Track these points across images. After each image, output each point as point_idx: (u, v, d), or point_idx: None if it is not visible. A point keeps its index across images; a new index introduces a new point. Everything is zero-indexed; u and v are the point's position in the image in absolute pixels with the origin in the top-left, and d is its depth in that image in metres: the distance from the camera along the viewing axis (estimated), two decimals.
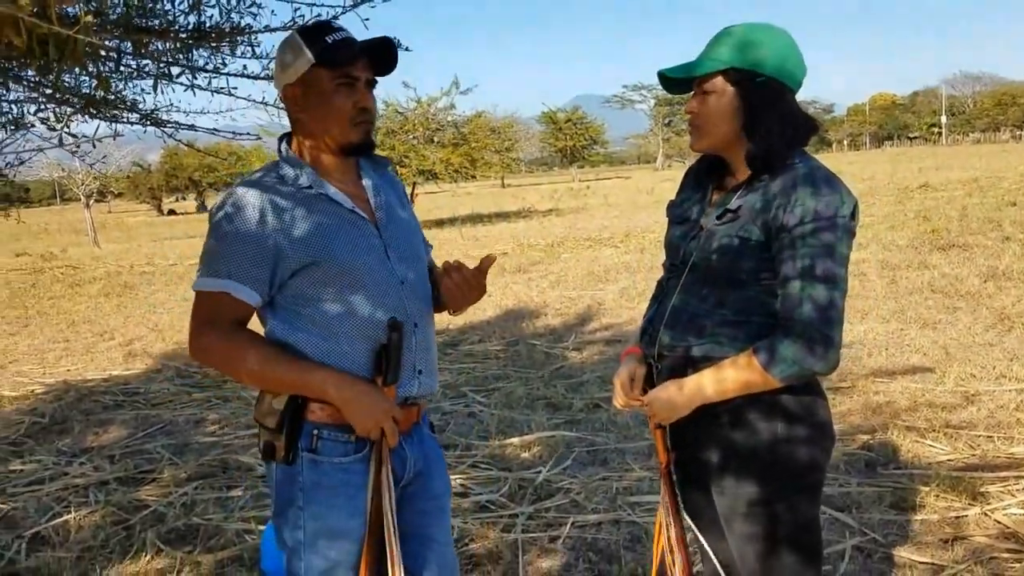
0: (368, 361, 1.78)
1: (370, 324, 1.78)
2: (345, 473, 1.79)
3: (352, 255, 1.77)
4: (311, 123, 1.80)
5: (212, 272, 1.74)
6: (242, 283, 1.72)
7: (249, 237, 1.71)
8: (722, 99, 1.77)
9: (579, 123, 69.13)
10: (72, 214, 49.09)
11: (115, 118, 2.59)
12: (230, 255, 1.72)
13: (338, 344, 1.77)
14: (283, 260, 1.73)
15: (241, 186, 1.77)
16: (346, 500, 1.79)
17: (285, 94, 1.82)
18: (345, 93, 1.76)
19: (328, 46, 1.73)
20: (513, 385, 5.76)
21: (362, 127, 1.80)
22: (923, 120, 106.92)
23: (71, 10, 1.94)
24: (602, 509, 3.63)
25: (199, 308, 1.78)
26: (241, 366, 1.76)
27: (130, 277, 14.86)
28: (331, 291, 1.76)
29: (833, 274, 1.67)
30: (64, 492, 4.25)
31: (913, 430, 4.31)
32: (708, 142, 1.83)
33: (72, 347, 8.50)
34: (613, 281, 10.08)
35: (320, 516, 1.78)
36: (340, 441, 1.79)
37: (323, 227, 1.76)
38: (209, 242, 1.76)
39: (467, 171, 26.43)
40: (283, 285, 1.76)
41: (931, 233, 11.31)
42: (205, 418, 5.50)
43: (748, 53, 1.74)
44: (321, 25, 1.81)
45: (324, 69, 1.74)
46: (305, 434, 1.77)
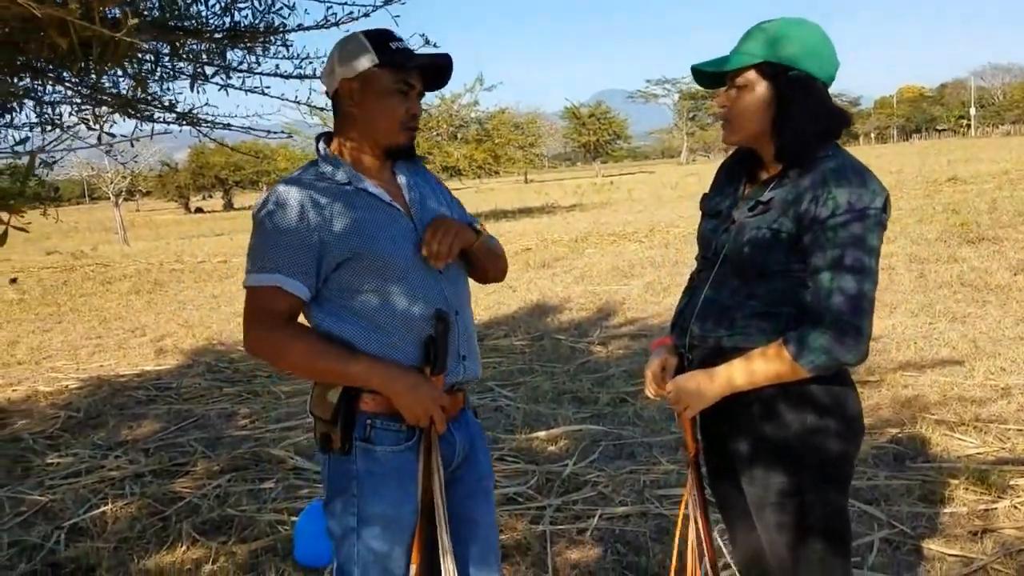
0: (415, 350, 1.84)
1: (415, 314, 1.84)
2: (397, 460, 1.85)
3: (392, 247, 1.83)
4: (362, 120, 1.86)
5: (261, 267, 1.79)
6: (291, 276, 1.78)
7: (294, 232, 1.76)
8: (755, 93, 1.79)
9: (602, 118, 68.86)
10: (101, 212, 49.73)
11: (151, 118, 2.65)
12: (278, 250, 1.77)
13: (384, 335, 1.82)
14: (327, 253, 1.78)
15: (283, 184, 1.82)
16: (398, 487, 1.85)
17: (341, 87, 1.85)
18: (401, 97, 1.84)
19: (393, 51, 1.82)
20: (539, 379, 5.79)
21: (409, 132, 1.88)
22: (952, 112, 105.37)
23: (114, 12, 2.00)
24: (629, 502, 3.66)
25: (251, 304, 1.83)
26: (295, 359, 1.83)
27: (160, 274, 15.06)
28: (375, 283, 1.81)
29: (863, 265, 1.68)
30: (100, 484, 4.34)
31: (942, 423, 4.29)
32: (741, 136, 1.85)
33: (104, 343, 8.64)
34: (638, 276, 10.07)
35: (373, 503, 1.84)
36: (392, 430, 1.85)
37: (363, 221, 1.81)
38: (256, 239, 1.81)
39: (490, 167, 26.50)
40: (327, 278, 1.82)
41: (960, 226, 11.18)
42: (236, 412, 5.58)
43: (781, 47, 1.76)
44: (382, 32, 1.88)
45: (386, 71, 1.82)
46: (359, 424, 1.83)
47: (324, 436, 1.86)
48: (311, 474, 4.27)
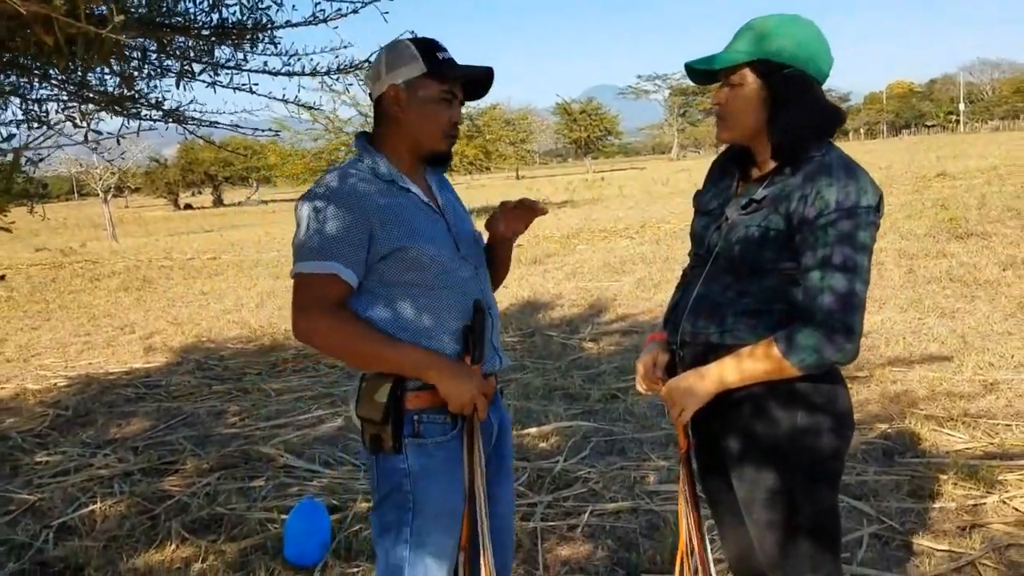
0: (452, 342, 1.92)
1: (453, 307, 1.92)
2: (445, 451, 1.93)
3: (433, 243, 1.91)
4: (407, 124, 1.93)
5: (318, 255, 1.82)
6: (346, 266, 1.83)
7: (348, 222, 1.82)
8: (749, 91, 1.79)
9: (594, 114, 68.88)
10: (90, 209, 49.48)
11: (138, 115, 2.63)
12: (333, 239, 1.81)
13: (423, 326, 1.89)
14: (375, 244, 1.85)
15: (332, 175, 1.89)
16: (449, 477, 1.93)
17: (388, 92, 1.92)
18: (445, 106, 1.92)
19: (440, 62, 1.90)
20: (530, 376, 5.80)
21: (449, 140, 1.98)
22: (941, 108, 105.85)
23: (99, 9, 1.98)
24: (620, 498, 3.66)
25: (306, 290, 1.85)
26: (351, 346, 1.87)
27: (149, 271, 14.99)
28: (416, 275, 1.88)
29: (853, 264, 1.68)
30: (89, 483, 4.32)
31: (931, 419, 4.31)
32: (734, 133, 1.85)
33: (93, 341, 8.60)
34: (629, 272, 10.08)
35: (427, 497, 1.91)
36: (438, 423, 1.92)
37: (408, 215, 1.89)
38: (308, 227, 1.84)
39: (482, 163, 26.45)
40: (371, 268, 1.87)
41: (949, 222, 11.24)
42: (226, 410, 5.56)
43: (775, 45, 1.76)
44: (429, 41, 1.95)
45: (433, 80, 1.90)
46: (407, 422, 1.89)
47: (375, 438, 1.89)
48: (301, 472, 4.26)
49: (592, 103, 71.18)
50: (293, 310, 1.87)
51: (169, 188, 57.66)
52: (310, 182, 14.47)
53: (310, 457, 4.45)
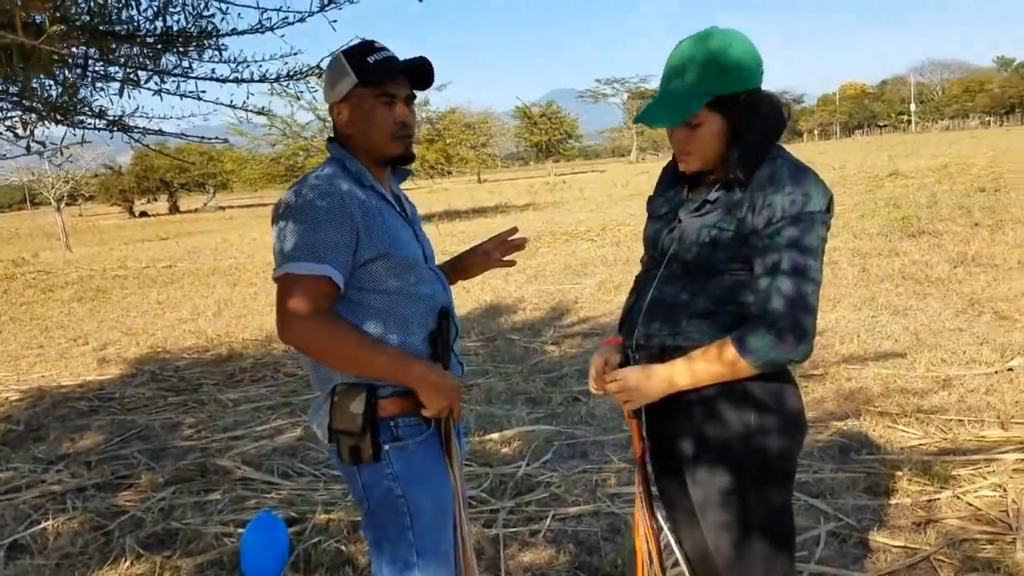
0: (425, 346, 1.93)
1: (426, 313, 1.94)
2: (425, 448, 1.94)
3: (409, 250, 1.93)
4: (357, 138, 1.94)
5: (310, 256, 1.79)
6: (337, 268, 1.81)
7: (337, 223, 1.80)
8: (711, 127, 1.78)
9: (553, 117, 69.18)
10: (43, 218, 48.45)
11: (82, 124, 2.57)
12: (324, 240, 1.79)
13: (403, 333, 1.90)
14: (360, 249, 1.84)
15: (317, 177, 1.86)
16: (437, 472, 1.95)
17: (331, 112, 1.96)
18: (386, 110, 1.90)
19: (369, 66, 1.87)
20: (492, 380, 5.78)
21: (402, 141, 1.94)
22: (892, 108, 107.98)
23: (38, 17, 1.93)
24: (582, 501, 3.67)
25: (296, 292, 1.80)
26: (341, 349, 1.84)
27: (103, 281, 14.70)
28: (393, 282, 1.89)
29: (803, 267, 1.70)
30: (41, 499, 4.21)
31: (885, 415, 4.38)
32: (701, 164, 1.84)
33: (46, 353, 8.41)
34: (590, 275, 10.12)
35: (421, 495, 1.92)
36: (412, 424, 1.93)
37: (388, 222, 1.90)
38: (297, 227, 1.80)
39: (443, 167, 26.41)
40: (352, 273, 1.86)
41: (901, 220, 11.45)
42: (181, 422, 5.46)
43: (725, 77, 1.73)
44: (363, 45, 1.93)
45: (367, 88, 1.88)
46: (383, 429, 1.89)
47: (354, 449, 1.87)
48: (259, 484, 4.20)
49: (552, 106, 71.51)
50: (283, 313, 1.81)
51: (124, 196, 56.67)
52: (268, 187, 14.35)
53: (268, 469, 4.39)
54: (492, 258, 2.23)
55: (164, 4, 2.37)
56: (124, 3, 2.37)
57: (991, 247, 8.91)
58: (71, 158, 2.83)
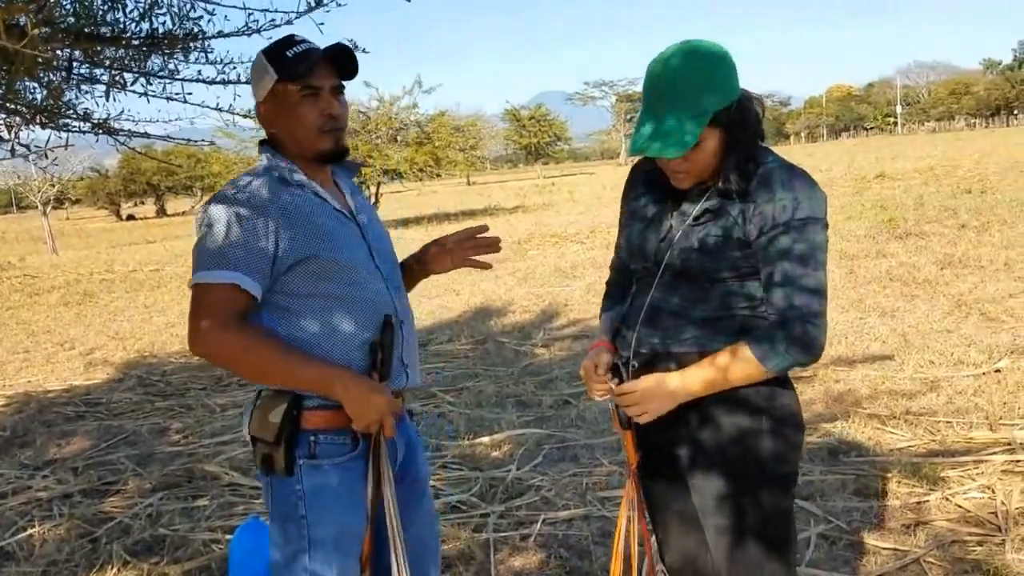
0: (361, 356, 1.82)
1: (364, 320, 1.83)
2: (344, 472, 1.82)
3: (346, 251, 1.83)
4: (284, 136, 1.85)
5: (218, 263, 1.72)
6: (248, 275, 1.73)
7: (252, 230, 1.73)
8: (709, 143, 1.74)
9: (542, 120, 69.23)
10: (29, 222, 48.13)
11: (66, 127, 2.54)
12: (236, 246, 1.72)
13: (332, 340, 1.80)
14: (281, 253, 1.75)
15: (240, 180, 1.80)
16: (348, 499, 1.82)
17: (257, 112, 1.88)
18: (310, 103, 1.81)
19: (288, 60, 1.78)
20: (482, 384, 5.77)
21: (331, 135, 1.84)
22: (879, 111, 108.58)
23: (21, 19, 1.91)
24: (572, 505, 3.65)
25: (204, 301, 1.74)
26: (254, 361, 1.76)
27: (89, 285, 14.60)
28: (326, 286, 1.79)
29: (814, 271, 1.72)
30: (27, 506, 4.18)
31: (874, 417, 4.39)
32: (697, 179, 1.81)
33: (32, 358, 8.34)
34: (580, 277, 10.12)
35: (323, 521, 1.80)
36: (336, 443, 1.82)
37: (319, 223, 1.80)
38: (210, 234, 1.73)
39: (432, 170, 26.34)
40: (276, 279, 1.78)
41: (888, 222, 11.50)
42: (169, 427, 5.43)
43: (719, 91, 1.71)
44: (283, 40, 1.84)
45: (288, 83, 1.79)
46: (302, 443, 1.79)
47: (266, 458, 1.80)
48: (247, 490, 4.17)
49: (541, 109, 71.56)
50: (192, 322, 1.74)
51: (111, 199, 56.31)
52: None
53: (256, 474, 4.36)
54: (457, 255, 2.10)
55: (150, 6, 2.35)
56: (110, 5, 2.35)
57: (978, 248, 8.95)
58: (57, 161, 2.79)
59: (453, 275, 10.91)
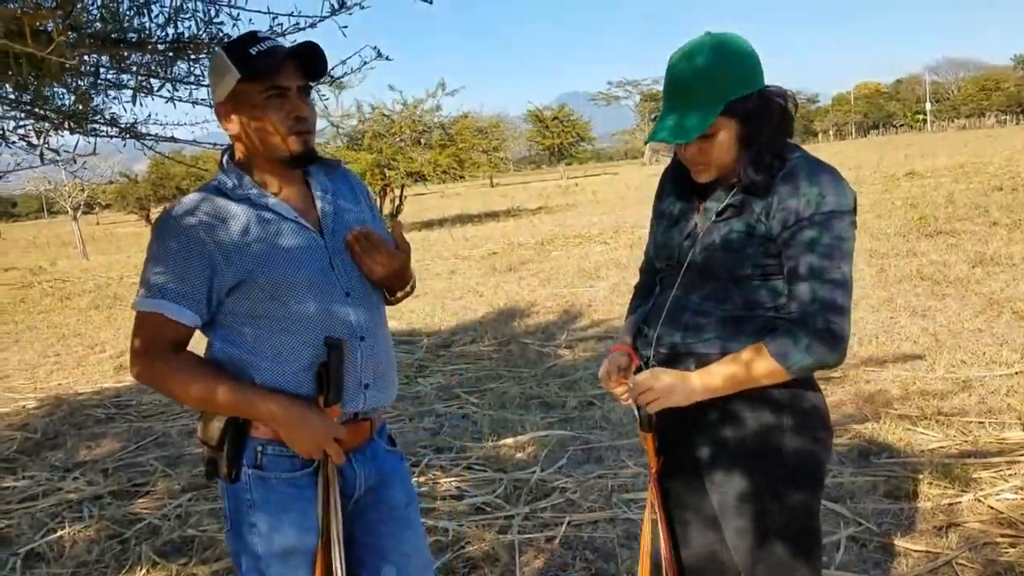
0: (310, 379, 1.73)
1: (310, 341, 1.73)
2: (294, 488, 1.76)
3: (291, 269, 1.72)
4: (247, 139, 1.74)
5: (149, 291, 1.69)
6: (176, 302, 1.67)
7: (182, 254, 1.67)
8: (727, 133, 1.73)
9: (565, 120, 69.11)
10: (60, 227, 48.87)
11: (94, 132, 2.57)
12: (163, 273, 1.67)
13: (278, 363, 1.72)
14: (218, 276, 1.68)
15: (183, 201, 1.72)
16: (298, 515, 1.75)
17: (218, 112, 1.76)
18: (277, 104, 1.69)
19: (252, 58, 1.67)
20: (506, 385, 5.76)
21: (300, 137, 1.73)
22: (908, 108, 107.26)
23: (49, 26, 1.93)
24: (598, 507, 3.64)
25: (137, 330, 1.72)
26: (180, 392, 1.73)
27: (119, 288, 14.79)
28: (269, 307, 1.71)
29: (838, 267, 1.68)
30: (58, 507, 4.23)
31: (905, 418, 4.33)
32: (717, 172, 1.80)
33: (63, 361, 8.46)
34: (604, 278, 10.09)
35: (273, 534, 1.74)
36: (286, 456, 1.75)
37: (261, 241, 1.70)
38: (148, 259, 1.71)
39: (455, 172, 26.40)
40: (221, 303, 1.72)
41: (918, 220, 11.35)
42: (197, 429, 5.46)
43: (734, 82, 1.70)
44: (246, 37, 1.73)
45: (252, 83, 1.68)
46: (249, 451, 1.74)
47: (210, 462, 1.76)
48: None
49: (564, 109, 71.43)
50: (130, 350, 1.73)
51: (140, 204, 56.93)
52: None
53: None
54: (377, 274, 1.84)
55: (175, 11, 2.37)
56: (136, 10, 2.38)
57: (1009, 246, 8.81)
58: (87, 167, 2.83)
59: (477, 276, 10.95)
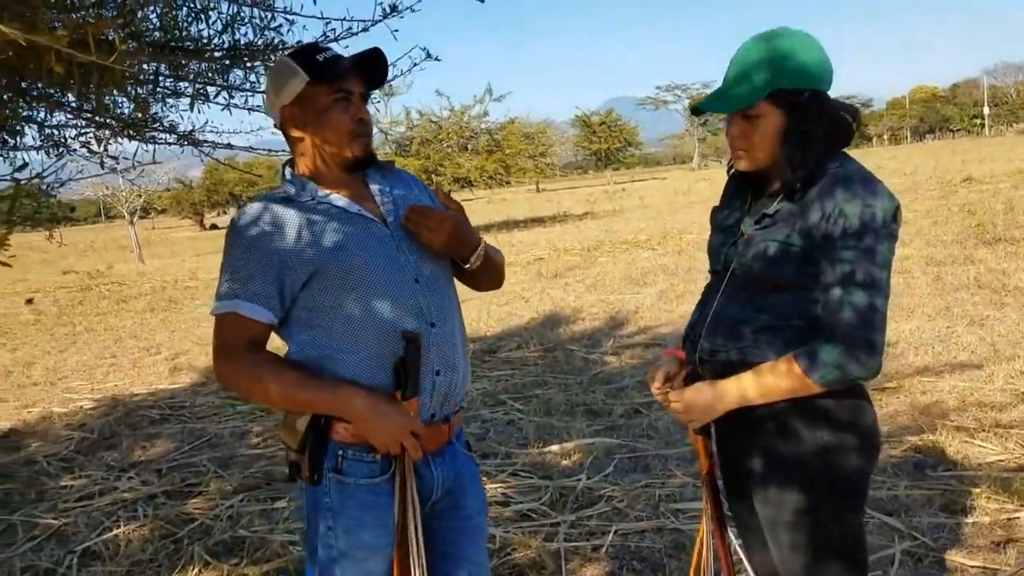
0: (386, 371, 1.75)
1: (385, 331, 1.76)
2: (372, 494, 1.78)
3: (359, 257, 1.76)
4: (311, 140, 1.81)
5: (221, 295, 1.76)
6: (250, 301, 1.73)
7: (250, 258, 1.73)
8: (771, 121, 1.73)
9: (613, 125, 68.84)
10: (117, 231, 50.13)
11: (153, 139, 2.64)
12: (236, 275, 1.74)
13: (354, 355, 1.76)
14: (289, 273, 1.73)
15: (243, 212, 1.79)
16: (374, 520, 1.78)
17: (283, 115, 1.82)
18: (342, 107, 1.78)
19: (321, 63, 1.76)
20: (552, 391, 5.75)
21: (361, 140, 1.81)
22: (965, 112, 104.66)
23: (110, 34, 1.98)
24: (645, 517, 3.60)
25: (216, 333, 1.79)
26: (259, 390, 1.77)
27: (174, 292, 15.12)
28: (342, 299, 1.74)
29: (873, 279, 1.64)
30: (113, 507, 4.33)
31: (962, 430, 4.21)
32: (756, 163, 1.80)
33: (119, 362, 8.67)
34: (651, 284, 10.01)
35: (349, 538, 1.77)
36: (365, 461, 1.78)
37: (327, 234, 1.76)
38: (222, 265, 1.78)
39: (501, 177, 26.49)
40: (295, 298, 1.77)
41: (976, 227, 11.06)
42: (249, 430, 5.57)
43: (790, 70, 1.70)
44: (310, 46, 1.85)
45: (319, 86, 1.76)
46: (331, 454, 1.77)
47: (293, 465, 1.79)
48: None
49: (611, 114, 71.15)
50: (212, 354, 1.80)
51: (195, 209, 58.19)
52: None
53: None
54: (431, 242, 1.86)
55: (232, 18, 2.42)
56: (194, 17, 2.43)
57: None
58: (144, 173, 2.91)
59: (522, 282, 10.94)
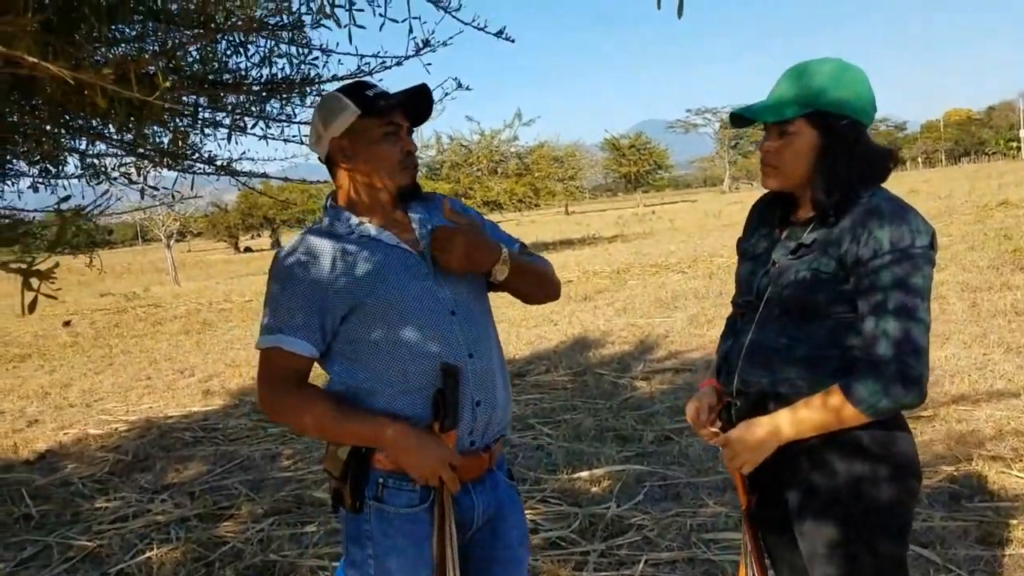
0: (425, 402, 1.79)
1: (421, 362, 1.79)
2: (411, 524, 1.81)
3: (397, 290, 1.80)
4: (360, 172, 1.87)
5: (266, 329, 1.81)
6: (292, 335, 1.78)
7: (294, 290, 1.78)
8: (804, 141, 1.76)
9: (642, 148, 68.92)
10: (154, 254, 50.96)
11: (191, 169, 2.70)
12: (278, 309, 1.80)
13: (393, 388, 1.80)
14: (330, 307, 1.78)
15: (293, 242, 1.86)
16: (414, 550, 1.81)
17: (332, 148, 1.87)
18: (391, 140, 1.85)
19: (371, 98, 1.83)
20: (581, 416, 5.73)
21: (409, 171, 1.89)
22: (1001, 135, 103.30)
23: (151, 69, 2.04)
24: (676, 547, 3.57)
25: (260, 366, 1.85)
26: (301, 422, 1.84)
27: (209, 314, 15.31)
28: (381, 332, 1.79)
29: (912, 307, 1.64)
30: (147, 529, 4.38)
31: (999, 459, 4.13)
32: (783, 182, 1.81)
33: (154, 384, 8.78)
34: (681, 308, 9.96)
35: (388, 565, 1.81)
36: (405, 490, 1.81)
37: (366, 268, 1.80)
38: (266, 300, 1.84)
39: (531, 200, 26.59)
40: (336, 332, 1.82)
41: (1013, 252, 10.88)
42: (280, 453, 5.61)
43: (832, 95, 1.73)
44: (359, 83, 1.93)
45: (370, 119, 1.83)
46: (371, 483, 1.81)
47: (336, 492, 1.85)
48: None
49: (640, 137, 71.23)
50: (257, 388, 1.87)
51: (230, 232, 59.02)
52: None
53: None
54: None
55: (269, 51, 2.48)
56: (232, 51, 2.50)
57: None
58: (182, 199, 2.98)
59: (551, 305, 10.94)
